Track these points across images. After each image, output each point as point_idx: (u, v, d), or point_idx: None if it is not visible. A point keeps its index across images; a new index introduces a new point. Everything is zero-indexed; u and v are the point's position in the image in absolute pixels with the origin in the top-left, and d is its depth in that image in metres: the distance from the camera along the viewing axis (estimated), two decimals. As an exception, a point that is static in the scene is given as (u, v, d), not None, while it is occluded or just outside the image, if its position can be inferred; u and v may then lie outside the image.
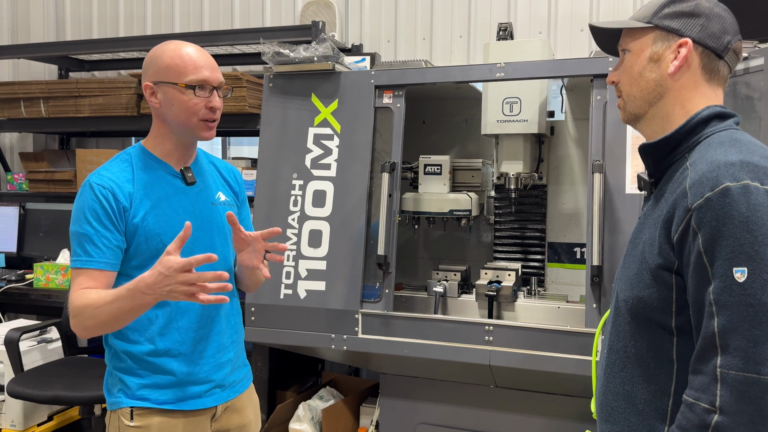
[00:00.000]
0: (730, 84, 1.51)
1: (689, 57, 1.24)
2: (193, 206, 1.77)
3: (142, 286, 1.49)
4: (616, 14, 3.52)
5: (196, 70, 1.69)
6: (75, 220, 1.66)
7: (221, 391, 1.81)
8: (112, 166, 1.72)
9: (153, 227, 1.68)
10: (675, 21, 1.25)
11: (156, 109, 1.72)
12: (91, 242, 1.63)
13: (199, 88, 1.69)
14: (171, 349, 1.72)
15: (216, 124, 1.76)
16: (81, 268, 1.63)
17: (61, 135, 4.74)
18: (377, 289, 2.66)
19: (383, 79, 2.73)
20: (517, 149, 2.83)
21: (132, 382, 1.70)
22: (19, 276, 3.88)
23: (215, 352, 1.80)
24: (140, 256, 1.68)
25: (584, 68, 2.53)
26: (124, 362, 1.71)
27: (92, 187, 1.65)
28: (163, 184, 1.74)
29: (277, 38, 3.32)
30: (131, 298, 1.52)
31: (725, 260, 1.07)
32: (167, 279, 1.46)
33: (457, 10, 3.81)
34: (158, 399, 1.70)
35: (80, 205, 1.66)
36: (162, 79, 1.69)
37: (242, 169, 3.78)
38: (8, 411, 3.32)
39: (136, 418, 1.69)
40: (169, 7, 4.44)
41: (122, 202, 1.66)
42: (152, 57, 1.74)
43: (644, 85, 1.28)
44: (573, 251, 3.07)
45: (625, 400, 1.25)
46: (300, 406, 3.13)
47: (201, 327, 1.77)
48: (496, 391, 2.67)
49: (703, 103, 1.25)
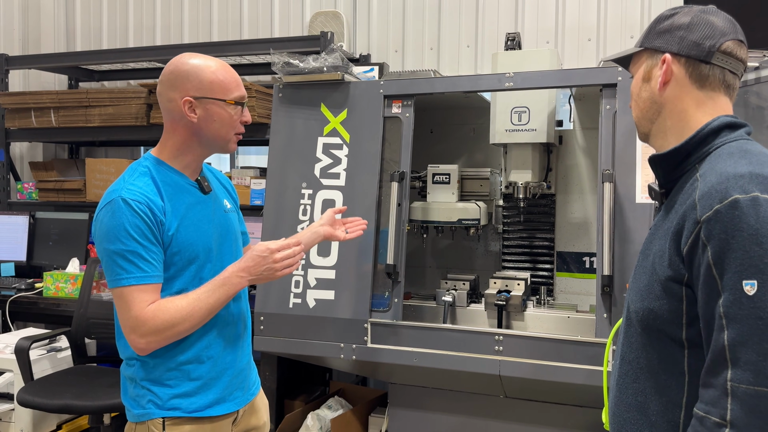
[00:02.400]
0: (740, 94, 1.51)
1: (674, 70, 1.27)
2: (213, 214, 1.81)
3: (237, 271, 1.69)
4: (622, 25, 3.53)
5: (239, 87, 1.75)
6: (114, 238, 1.61)
7: (242, 395, 1.85)
8: (136, 181, 1.69)
9: (185, 238, 1.71)
10: (658, 39, 1.30)
11: (190, 123, 1.71)
12: (141, 258, 1.62)
13: (242, 105, 1.76)
14: (201, 354, 1.74)
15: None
16: (137, 285, 1.61)
17: (71, 144, 4.78)
18: (386, 298, 2.66)
19: (392, 89, 2.74)
20: (526, 158, 2.83)
21: (163, 392, 1.71)
22: (29, 285, 3.90)
23: (237, 356, 1.84)
24: (174, 267, 1.70)
25: (593, 78, 2.53)
26: (156, 373, 1.72)
27: (128, 202, 1.62)
28: (186, 195, 1.76)
29: (286, 49, 3.34)
30: (226, 287, 1.68)
31: (735, 273, 1.06)
32: (264, 260, 1.69)
33: (464, 21, 3.82)
34: (188, 408, 1.72)
35: (119, 221, 1.61)
36: (206, 95, 1.70)
37: (251, 178, 3.79)
38: (18, 420, 3.33)
39: (168, 428, 1.70)
40: (179, 17, 4.47)
41: (159, 216, 1.66)
42: (186, 72, 1.70)
43: (642, 104, 1.34)
44: (582, 260, 3.06)
45: (638, 412, 1.25)
46: (309, 415, 3.13)
47: (226, 332, 1.80)
48: (506, 402, 2.66)
49: (702, 112, 1.26)
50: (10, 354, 3.23)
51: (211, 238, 1.77)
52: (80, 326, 3.29)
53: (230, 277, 1.69)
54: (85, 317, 3.30)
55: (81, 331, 3.29)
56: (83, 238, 4.11)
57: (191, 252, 1.71)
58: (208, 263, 1.75)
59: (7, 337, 3.55)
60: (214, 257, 1.77)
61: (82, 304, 3.32)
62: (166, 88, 1.72)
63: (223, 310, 1.76)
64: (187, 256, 1.71)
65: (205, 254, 1.74)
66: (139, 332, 1.62)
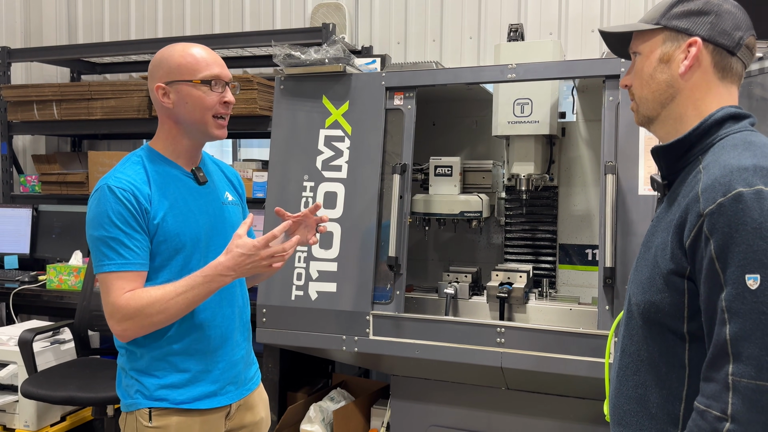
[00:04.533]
0: (744, 85, 1.49)
1: (700, 56, 1.22)
2: (207, 205, 1.80)
3: (222, 269, 1.62)
4: (626, 15, 3.50)
5: (209, 67, 1.72)
6: (98, 225, 1.63)
7: (235, 389, 1.83)
8: (126, 169, 1.71)
9: (172, 227, 1.70)
10: (683, 20, 1.24)
11: (168, 109, 1.72)
12: (122, 245, 1.62)
13: (213, 84, 1.72)
14: (189, 347, 1.74)
15: (227, 121, 1.79)
16: (117, 271, 1.62)
17: (73, 137, 4.78)
18: (388, 290, 2.66)
19: (394, 81, 2.73)
20: (528, 150, 2.82)
21: (150, 383, 1.71)
22: (32, 277, 3.91)
23: (230, 349, 1.82)
24: (160, 256, 1.69)
25: (596, 69, 2.51)
26: (142, 363, 1.72)
27: (113, 190, 1.64)
28: (178, 185, 1.75)
29: (288, 40, 3.32)
30: (208, 283, 1.62)
31: (738, 267, 1.05)
32: (250, 258, 1.61)
33: (467, 12, 3.80)
34: (176, 399, 1.72)
35: (103, 209, 1.63)
36: (174, 78, 1.70)
37: (253, 170, 3.79)
38: (22, 411, 3.34)
39: (155, 418, 1.70)
40: (180, 10, 4.46)
41: (144, 204, 1.66)
42: (160, 59, 1.74)
43: (655, 86, 1.27)
44: (584, 253, 3.05)
45: (638, 404, 1.25)
46: (311, 407, 3.13)
47: (217, 325, 1.79)
48: (507, 394, 2.66)
49: (717, 103, 1.23)
50: (14, 346, 3.24)
51: (202, 229, 1.75)
52: (83, 318, 3.30)
53: (213, 275, 1.63)
54: (88, 309, 3.31)
55: (84, 323, 3.30)
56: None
57: (177, 242, 1.70)
58: (195, 254, 1.73)
59: (11, 330, 3.57)
60: (202, 248, 1.75)
61: (85, 297, 3.33)
62: (149, 79, 1.76)
63: (215, 303, 1.75)
64: (174, 246, 1.70)
65: (192, 245, 1.73)
66: (115, 318, 1.62)
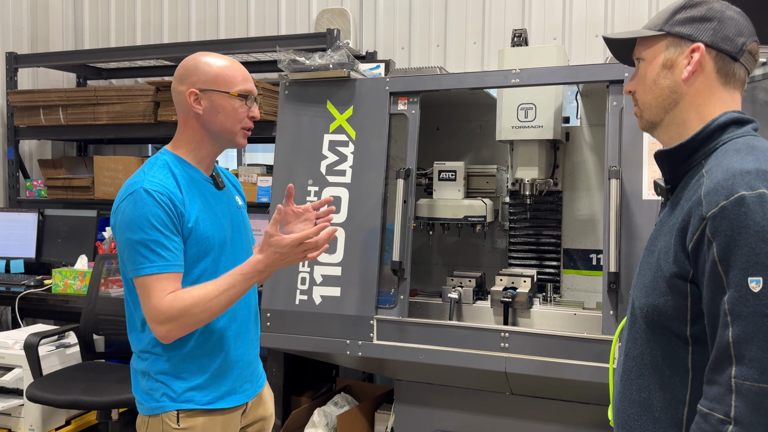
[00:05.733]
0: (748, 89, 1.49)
1: (703, 61, 1.23)
2: (227, 209, 1.86)
3: (260, 267, 1.68)
4: (630, 20, 3.51)
5: (245, 81, 1.79)
6: (137, 227, 1.64)
7: (251, 387, 1.89)
8: (156, 173, 1.73)
9: (203, 231, 1.74)
10: (686, 26, 1.25)
11: (197, 115, 1.76)
12: (163, 247, 1.65)
13: (246, 98, 1.78)
14: (212, 348, 1.77)
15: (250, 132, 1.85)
16: (159, 273, 1.64)
17: (79, 142, 4.81)
18: (392, 295, 2.66)
19: (398, 86, 2.74)
20: (532, 155, 2.83)
21: (177, 385, 1.74)
22: (38, 281, 3.92)
23: (246, 348, 1.87)
24: (190, 258, 1.73)
25: (600, 74, 2.52)
26: (168, 366, 1.74)
27: (150, 193, 1.66)
28: (202, 189, 1.80)
29: (293, 46, 3.34)
30: (248, 280, 1.69)
31: (740, 270, 1.06)
32: (286, 255, 1.68)
33: (471, 17, 3.81)
34: (201, 400, 1.75)
35: (141, 211, 1.65)
36: (211, 87, 1.75)
37: (257, 175, 3.80)
38: (27, 415, 3.35)
39: (182, 420, 1.73)
40: (186, 15, 4.49)
41: (179, 207, 1.70)
42: (195, 65, 1.77)
43: (659, 92, 1.28)
44: (588, 258, 3.05)
45: (641, 408, 1.25)
46: (315, 411, 3.14)
47: (237, 325, 1.84)
48: (511, 399, 2.65)
49: (720, 108, 1.24)
50: (20, 350, 3.25)
51: (226, 232, 1.82)
52: (89, 322, 3.31)
53: (251, 272, 1.69)
54: (93, 313, 3.32)
55: (89, 328, 3.31)
56: (92, 235, 4.14)
57: (208, 244, 1.75)
58: (222, 256, 1.79)
59: (17, 334, 3.58)
60: (228, 250, 1.81)
61: (91, 301, 3.34)
62: (177, 82, 1.78)
63: (235, 305, 1.78)
64: (204, 248, 1.75)
65: (220, 247, 1.78)
66: (158, 320, 1.64)
